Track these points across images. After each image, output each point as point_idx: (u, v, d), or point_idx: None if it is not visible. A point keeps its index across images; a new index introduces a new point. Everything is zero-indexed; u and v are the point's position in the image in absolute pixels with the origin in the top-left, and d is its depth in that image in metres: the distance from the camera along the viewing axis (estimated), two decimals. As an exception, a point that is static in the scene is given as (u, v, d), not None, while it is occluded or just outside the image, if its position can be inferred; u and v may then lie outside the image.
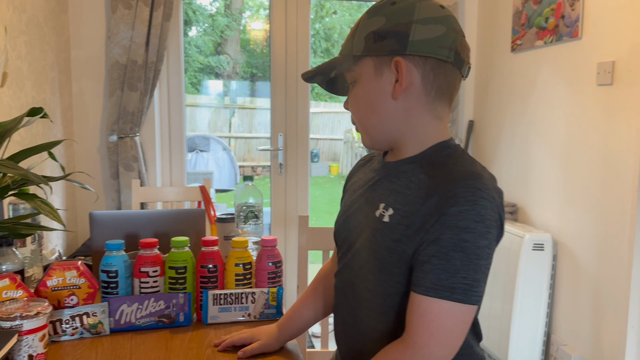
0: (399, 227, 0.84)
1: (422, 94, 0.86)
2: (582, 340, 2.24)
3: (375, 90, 0.87)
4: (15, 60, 2.01)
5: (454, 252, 0.78)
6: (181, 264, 1.26)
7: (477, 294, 0.79)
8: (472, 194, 0.78)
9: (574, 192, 2.27)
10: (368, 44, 0.86)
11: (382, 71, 0.86)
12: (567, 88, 2.31)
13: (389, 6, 0.86)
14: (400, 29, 0.84)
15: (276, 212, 3.09)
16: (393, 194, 0.88)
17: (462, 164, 0.84)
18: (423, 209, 0.81)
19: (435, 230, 0.79)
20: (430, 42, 0.83)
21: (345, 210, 1.02)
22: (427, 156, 0.88)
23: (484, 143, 2.98)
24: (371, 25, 0.86)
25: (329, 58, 5.00)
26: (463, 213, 0.77)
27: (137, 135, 2.71)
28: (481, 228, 0.78)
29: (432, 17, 0.84)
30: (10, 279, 1.08)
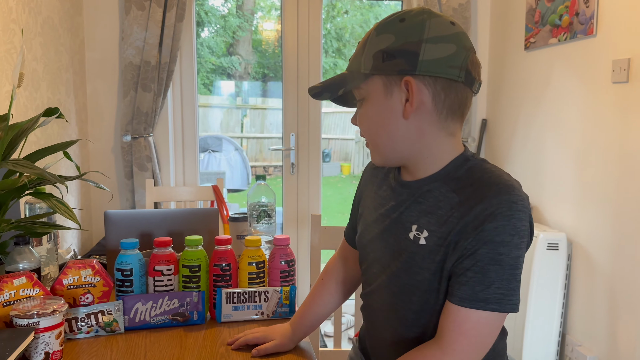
0: (438, 248, 0.85)
1: (434, 113, 0.85)
2: (598, 340, 2.22)
3: (385, 110, 0.87)
4: (31, 61, 2.03)
5: (489, 266, 0.80)
6: (195, 263, 1.27)
7: (511, 302, 0.81)
8: (509, 209, 0.79)
9: (589, 191, 2.25)
10: (377, 63, 0.85)
11: (392, 90, 0.85)
12: (582, 86, 2.28)
13: (398, 23, 0.84)
14: (410, 48, 0.82)
15: (288, 212, 3.10)
16: (424, 215, 0.88)
17: (488, 176, 0.84)
18: (459, 227, 0.82)
19: (472, 245, 0.81)
20: (440, 61, 0.82)
21: (368, 228, 1.01)
22: (449, 173, 0.88)
23: (497, 142, 2.96)
24: (380, 43, 0.85)
25: (340, 58, 4.96)
26: (499, 228, 0.79)
27: (150, 136, 2.73)
28: (516, 240, 0.80)
29: (442, 35, 0.83)
30: (27, 277, 1.09)
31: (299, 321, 1.17)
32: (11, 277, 1.08)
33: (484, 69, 3.03)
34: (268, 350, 1.09)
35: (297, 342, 1.15)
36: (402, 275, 0.91)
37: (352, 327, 2.95)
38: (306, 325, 1.16)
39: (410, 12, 0.85)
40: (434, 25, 0.83)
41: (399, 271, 0.92)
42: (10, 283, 1.07)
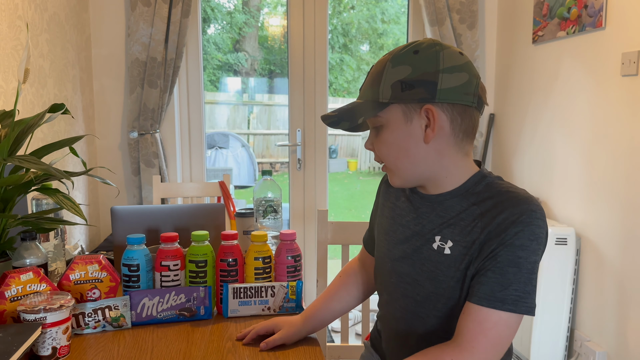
0: (463, 257, 0.91)
1: (452, 137, 0.92)
2: (607, 335, 2.20)
3: (405, 136, 0.92)
4: (37, 58, 2.04)
5: (508, 267, 0.86)
6: (201, 258, 1.27)
7: (527, 304, 0.86)
8: (528, 217, 0.86)
9: (598, 186, 2.23)
10: (395, 92, 0.90)
11: (412, 117, 0.91)
12: (591, 79, 2.26)
13: (412, 55, 0.90)
14: (428, 78, 0.88)
15: (295, 208, 3.09)
16: (447, 227, 0.94)
17: (506, 189, 0.91)
18: (482, 236, 0.89)
19: (493, 248, 0.87)
20: (456, 90, 0.89)
21: (388, 239, 1.06)
22: (468, 189, 0.94)
23: (505, 137, 2.94)
24: (397, 74, 0.90)
25: (346, 54, 4.93)
26: (519, 233, 0.86)
27: (157, 132, 2.74)
28: (534, 245, 0.86)
29: (455, 65, 0.89)
30: (34, 272, 1.10)
31: (312, 313, 1.18)
32: (18, 273, 1.08)
33: (491, 63, 3.01)
34: (276, 341, 1.09)
35: (305, 334, 1.15)
36: (427, 284, 0.96)
37: (359, 323, 2.95)
38: (318, 319, 1.18)
39: (422, 45, 0.91)
40: (447, 56, 0.89)
41: (423, 280, 0.97)
42: (17, 278, 1.07)
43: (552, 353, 2.34)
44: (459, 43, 2.79)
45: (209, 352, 1.08)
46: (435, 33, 2.74)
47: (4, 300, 1.06)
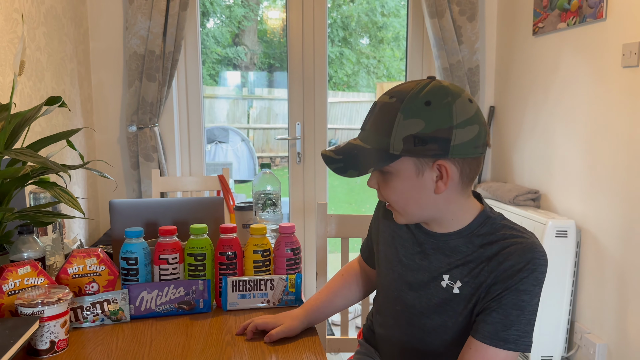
0: (472, 297, 0.96)
1: (459, 185, 0.94)
2: (607, 327, 2.20)
3: (416, 186, 0.94)
4: (34, 51, 2.02)
5: (512, 310, 0.91)
6: (200, 251, 1.26)
7: (525, 342, 0.92)
8: (533, 264, 0.91)
9: (598, 178, 2.22)
10: (408, 146, 0.89)
11: (423, 170, 0.92)
12: (591, 71, 2.25)
13: (425, 107, 0.89)
14: (441, 135, 0.88)
15: (295, 202, 3.09)
16: (455, 267, 0.98)
17: (510, 233, 0.95)
18: (490, 279, 0.94)
19: (499, 291, 0.92)
20: (468, 144, 0.90)
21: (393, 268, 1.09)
22: (473, 230, 0.97)
23: (505, 129, 2.93)
24: (410, 128, 0.89)
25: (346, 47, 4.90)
26: (524, 279, 0.91)
27: (156, 126, 2.72)
28: (537, 290, 0.92)
29: (468, 118, 0.89)
30: (31, 266, 1.09)
31: (315, 306, 1.19)
32: (15, 266, 1.07)
33: (491, 55, 3.00)
34: (279, 334, 1.09)
35: (306, 326, 1.15)
36: (435, 317, 1.01)
37: (359, 316, 2.95)
38: (320, 313, 1.19)
39: (434, 95, 0.89)
40: (460, 109, 0.89)
41: (431, 313, 1.02)
42: (14, 272, 1.07)
43: (552, 345, 2.34)
44: (459, 35, 2.78)
45: (208, 346, 1.08)
46: (435, 25, 2.73)
47: (2, 294, 1.05)
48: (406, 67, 3.11)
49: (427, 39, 2.90)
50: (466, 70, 2.82)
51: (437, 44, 2.76)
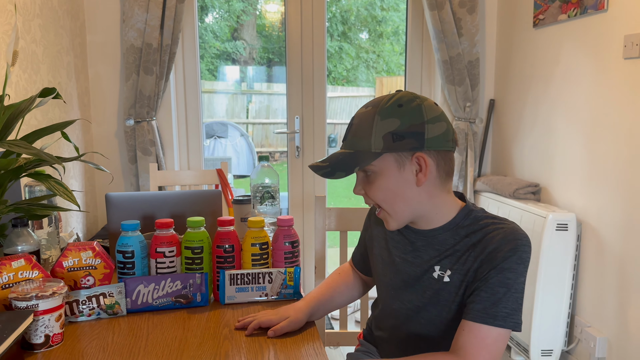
0: (461, 283, 1.02)
1: (437, 178, 1.02)
2: (607, 321, 2.19)
3: (399, 181, 1.01)
4: (29, 43, 2.00)
5: (498, 288, 0.96)
6: (197, 244, 1.25)
7: (514, 320, 0.96)
8: (515, 245, 0.97)
9: (599, 171, 2.20)
10: (387, 143, 0.99)
11: (404, 164, 1.00)
12: (592, 63, 2.23)
13: (397, 108, 0.99)
14: (416, 129, 0.98)
15: (293, 196, 3.07)
16: (444, 257, 1.04)
17: (492, 221, 1.03)
18: (476, 264, 1.00)
19: (485, 272, 0.98)
20: (440, 138, 1.00)
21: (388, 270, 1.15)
22: (458, 223, 1.05)
23: (505, 122, 2.91)
24: (387, 126, 0.99)
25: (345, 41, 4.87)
26: (507, 258, 0.97)
27: (153, 120, 2.70)
28: (521, 268, 0.98)
29: (436, 116, 1.00)
30: (25, 259, 1.07)
31: (318, 301, 1.20)
32: (9, 260, 1.06)
33: (491, 48, 2.98)
34: (284, 329, 1.09)
35: (309, 319, 1.16)
36: (430, 308, 1.06)
37: (358, 311, 2.94)
38: (322, 307, 1.21)
39: (403, 99, 1.01)
40: (428, 108, 1.00)
41: (427, 306, 1.07)
42: (8, 265, 1.05)
43: (553, 339, 2.33)
44: (458, 27, 2.75)
45: (205, 339, 1.06)
46: (435, 17, 2.71)
47: (-5, 287, 1.04)
48: (405, 60, 3.09)
49: (427, 32, 2.88)
50: (466, 63, 2.80)
51: (437, 37, 2.74)
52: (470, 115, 2.86)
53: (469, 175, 2.85)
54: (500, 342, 0.96)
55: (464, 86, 2.81)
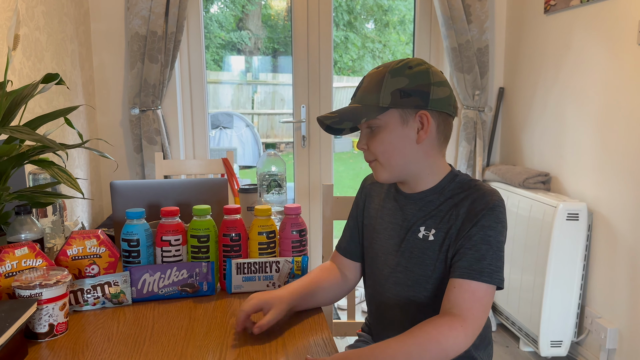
0: (444, 240, 1.06)
1: (436, 140, 1.08)
2: (618, 312, 2.16)
3: (401, 137, 1.06)
4: (33, 30, 1.98)
5: (481, 245, 1.01)
6: (203, 233, 1.23)
7: (499, 277, 1.01)
8: (492, 204, 1.03)
9: (611, 159, 2.16)
10: (394, 99, 1.04)
11: (408, 121, 1.06)
12: (605, 49, 2.18)
13: (407, 69, 1.05)
14: (422, 89, 1.04)
15: (300, 186, 3.05)
16: (429, 218, 1.09)
17: (474, 184, 1.09)
18: (457, 222, 1.05)
19: (466, 230, 1.03)
20: (443, 100, 1.06)
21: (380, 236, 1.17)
22: (444, 186, 1.10)
23: (515, 111, 2.87)
24: (396, 84, 1.04)
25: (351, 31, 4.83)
26: (486, 216, 1.02)
27: (159, 109, 2.68)
28: (500, 227, 1.03)
29: (441, 81, 1.06)
30: (29, 247, 1.06)
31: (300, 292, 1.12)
32: (12, 248, 1.04)
33: (501, 34, 2.93)
34: (270, 323, 1.03)
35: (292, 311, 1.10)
36: (416, 269, 1.10)
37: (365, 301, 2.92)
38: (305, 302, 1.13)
39: (412, 62, 1.07)
40: (435, 73, 1.07)
41: (412, 266, 1.10)
42: (11, 253, 1.03)
43: (562, 330, 2.30)
44: (467, 14, 2.71)
45: (211, 329, 1.04)
46: (444, 4, 2.66)
47: (-1, 275, 1.02)
48: (413, 48, 3.04)
49: (435, 19, 2.83)
50: (475, 50, 2.76)
51: (446, 23, 2.69)
52: (479, 104, 2.82)
53: (477, 164, 2.82)
54: (489, 297, 1.00)
55: (472, 74, 2.77)
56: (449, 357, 0.95)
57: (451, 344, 0.94)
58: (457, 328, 0.95)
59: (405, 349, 0.92)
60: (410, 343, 0.93)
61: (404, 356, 0.91)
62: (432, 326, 0.95)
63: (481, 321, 0.99)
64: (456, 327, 0.95)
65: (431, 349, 0.93)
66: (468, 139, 2.81)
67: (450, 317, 0.97)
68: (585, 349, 2.35)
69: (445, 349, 0.94)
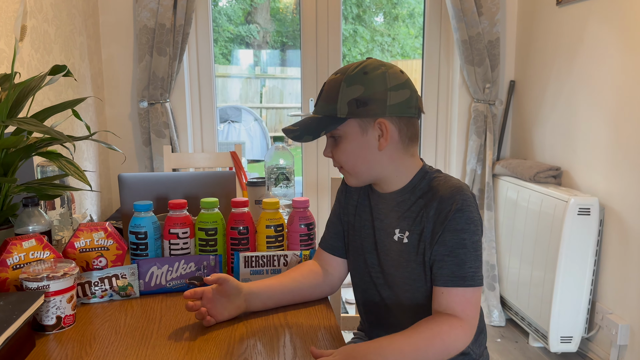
0: (418, 243, 1.06)
1: (400, 143, 1.07)
2: (630, 308, 2.13)
3: (362, 145, 1.06)
4: (41, 23, 1.98)
5: (458, 250, 1.01)
6: (211, 226, 1.22)
7: (479, 277, 1.02)
8: (459, 204, 1.01)
9: (624, 153, 2.13)
10: (351, 109, 1.03)
11: (367, 130, 1.05)
12: (619, 41, 2.15)
13: (363, 76, 1.03)
14: (378, 96, 1.03)
15: (308, 180, 3.04)
16: (402, 220, 1.08)
17: (443, 182, 1.07)
18: (429, 224, 1.04)
19: (440, 235, 1.02)
20: (402, 104, 1.04)
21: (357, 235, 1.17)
22: (415, 185, 1.10)
23: (526, 104, 2.84)
24: (352, 93, 1.03)
25: (360, 25, 4.79)
26: (457, 219, 1.01)
27: (167, 102, 2.68)
28: (472, 227, 1.02)
29: (399, 83, 1.04)
30: (36, 239, 1.05)
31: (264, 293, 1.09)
32: (20, 240, 1.04)
33: (512, 27, 2.89)
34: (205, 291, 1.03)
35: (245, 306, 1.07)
36: (392, 271, 1.10)
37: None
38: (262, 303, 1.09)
39: (369, 66, 1.05)
40: (392, 76, 1.04)
41: (389, 268, 1.11)
42: (19, 245, 1.03)
43: (572, 325, 2.28)
44: (478, 6, 2.67)
45: (219, 322, 1.04)
46: (454, -4, 2.63)
47: (6, 268, 1.02)
48: (423, 41, 3.02)
49: (445, 11, 2.80)
50: (486, 43, 2.72)
51: (456, 16, 2.66)
52: (490, 97, 2.79)
53: (487, 158, 2.79)
54: (477, 296, 1.02)
55: (483, 67, 2.74)
56: (450, 355, 0.97)
57: (453, 341, 0.97)
58: (457, 327, 0.98)
59: (412, 342, 0.95)
60: (416, 337, 0.95)
61: (410, 348, 0.94)
62: (435, 323, 0.98)
63: (475, 320, 1.02)
64: (456, 326, 0.98)
65: (435, 345, 0.96)
66: (478, 132, 2.79)
67: (449, 317, 0.99)
68: (595, 345, 2.33)
69: (448, 346, 0.97)
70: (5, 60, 1.69)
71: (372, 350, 0.90)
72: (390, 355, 0.90)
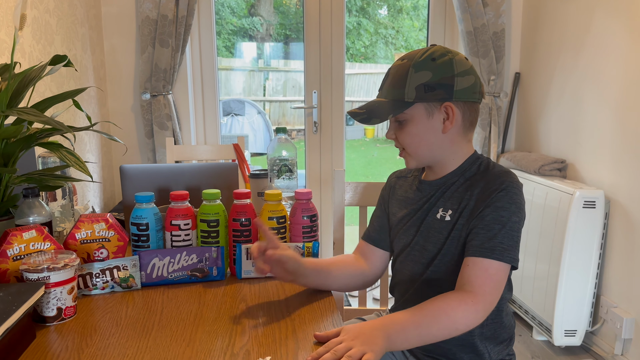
0: (458, 219, 1.10)
1: (462, 127, 1.12)
2: (635, 301, 2.12)
3: (427, 128, 1.11)
4: (43, 13, 1.96)
5: (493, 224, 1.04)
6: (213, 217, 1.21)
7: (510, 256, 1.03)
8: (507, 185, 1.06)
9: (630, 145, 2.11)
10: (419, 93, 1.08)
11: (433, 113, 1.10)
12: (627, 31, 2.12)
13: (430, 62, 1.08)
14: (446, 81, 1.08)
15: (311, 172, 3.02)
16: (447, 200, 1.13)
17: (492, 167, 1.13)
18: (472, 202, 1.09)
19: (480, 210, 1.06)
20: (467, 90, 1.09)
21: (402, 221, 1.21)
22: (465, 169, 1.15)
23: (531, 96, 2.81)
24: (420, 78, 1.08)
25: (364, 17, 4.76)
26: (500, 197, 1.05)
27: (170, 94, 2.66)
28: (513, 208, 1.05)
29: (465, 70, 1.09)
30: (37, 230, 1.04)
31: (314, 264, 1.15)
32: (20, 231, 1.03)
33: (517, 18, 2.86)
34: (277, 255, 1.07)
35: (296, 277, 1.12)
36: (430, 247, 1.14)
37: (377, 288, 2.90)
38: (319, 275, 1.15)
39: (436, 52, 1.10)
40: (458, 63, 1.09)
41: (428, 244, 1.14)
42: (19, 236, 1.02)
43: (577, 319, 2.27)
44: (483, -3, 2.65)
45: (221, 314, 1.03)
46: (459, -13, 2.60)
47: (6, 259, 1.01)
48: (427, 31, 2.99)
49: (450, 2, 2.78)
50: (491, 34, 2.70)
51: (461, 6, 2.63)
52: (495, 89, 2.77)
53: (492, 151, 2.77)
54: (501, 274, 1.03)
55: (488, 58, 2.71)
56: (458, 331, 0.99)
57: (460, 317, 0.98)
58: (467, 302, 0.99)
59: (414, 319, 0.97)
60: (419, 314, 0.98)
61: (412, 325, 0.96)
62: (442, 300, 1.00)
63: (493, 297, 1.02)
64: (467, 301, 0.99)
65: (440, 321, 0.97)
66: (483, 125, 2.76)
67: (462, 292, 1.01)
68: (600, 339, 2.32)
69: (455, 321, 0.98)
70: (6, 51, 1.68)
71: (377, 326, 0.93)
72: (393, 332, 0.93)
